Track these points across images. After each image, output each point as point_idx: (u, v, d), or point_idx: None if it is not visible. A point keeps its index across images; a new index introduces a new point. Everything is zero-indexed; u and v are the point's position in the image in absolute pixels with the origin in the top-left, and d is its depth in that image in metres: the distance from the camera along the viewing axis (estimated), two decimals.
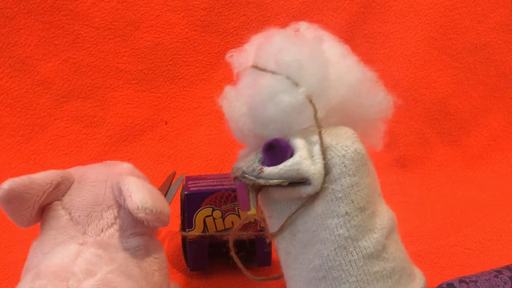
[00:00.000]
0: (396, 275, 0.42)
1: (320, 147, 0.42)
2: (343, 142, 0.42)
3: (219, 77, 0.89)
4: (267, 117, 0.43)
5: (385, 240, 0.42)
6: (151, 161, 0.84)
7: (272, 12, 0.90)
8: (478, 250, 0.64)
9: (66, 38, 0.84)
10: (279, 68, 0.43)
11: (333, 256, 0.41)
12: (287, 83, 0.42)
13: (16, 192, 0.42)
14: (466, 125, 0.92)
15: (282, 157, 0.42)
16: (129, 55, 0.86)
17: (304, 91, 0.42)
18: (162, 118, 0.87)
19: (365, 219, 0.42)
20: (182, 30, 0.87)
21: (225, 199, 0.58)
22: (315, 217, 0.42)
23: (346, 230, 0.41)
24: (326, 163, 0.41)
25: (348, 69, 0.45)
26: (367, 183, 0.42)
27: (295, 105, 0.42)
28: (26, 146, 0.82)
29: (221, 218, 0.58)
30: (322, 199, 0.41)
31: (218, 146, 0.87)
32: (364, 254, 0.41)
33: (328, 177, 0.41)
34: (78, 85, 0.85)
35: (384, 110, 0.47)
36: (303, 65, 0.42)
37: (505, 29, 0.94)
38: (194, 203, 0.57)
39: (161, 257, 0.47)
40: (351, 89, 0.45)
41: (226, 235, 0.58)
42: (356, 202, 0.41)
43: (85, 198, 0.45)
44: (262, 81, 0.43)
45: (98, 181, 0.46)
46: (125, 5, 0.85)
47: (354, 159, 0.42)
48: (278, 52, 0.43)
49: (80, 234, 0.43)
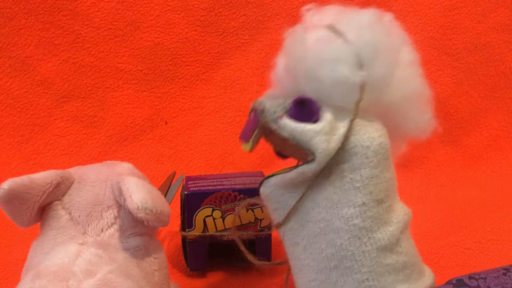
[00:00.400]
0: (407, 270, 0.42)
1: (345, 132, 0.41)
2: (371, 134, 0.42)
3: (219, 77, 0.89)
4: (318, 76, 0.42)
5: (400, 234, 0.42)
6: (151, 161, 0.84)
7: (272, 12, 0.90)
8: (478, 250, 0.64)
9: (66, 38, 0.84)
10: (356, 42, 0.42)
11: (347, 245, 0.41)
12: (353, 59, 0.42)
13: (16, 192, 0.42)
14: (466, 125, 0.92)
15: (307, 118, 0.41)
16: (129, 55, 0.86)
17: (364, 76, 0.41)
18: (162, 118, 0.87)
19: (381, 212, 0.41)
20: (182, 30, 0.87)
21: (225, 199, 0.58)
22: (330, 206, 0.41)
23: (362, 220, 0.41)
24: (347, 150, 0.41)
25: (411, 78, 0.45)
26: (387, 177, 0.42)
27: (348, 82, 0.41)
28: (26, 146, 0.82)
29: (221, 218, 0.58)
30: (339, 188, 0.41)
31: (218, 146, 0.87)
32: (378, 246, 0.41)
33: (348, 165, 0.41)
34: (78, 85, 0.85)
35: (424, 131, 0.47)
36: (378, 53, 0.42)
37: (505, 29, 0.94)
38: (194, 203, 0.57)
39: (161, 257, 0.47)
40: (404, 98, 0.44)
41: (226, 235, 0.58)
42: (374, 194, 0.41)
43: (85, 198, 0.45)
44: (332, 43, 0.42)
45: (98, 181, 0.46)
46: (125, 5, 0.85)
47: (377, 152, 0.41)
48: (363, 27, 0.43)
49: (80, 234, 0.43)
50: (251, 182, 0.59)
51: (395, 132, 0.45)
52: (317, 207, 0.42)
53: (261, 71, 0.90)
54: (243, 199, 0.58)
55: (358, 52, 0.42)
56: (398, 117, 0.45)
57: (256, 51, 0.90)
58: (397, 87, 0.44)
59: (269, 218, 0.58)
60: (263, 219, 0.59)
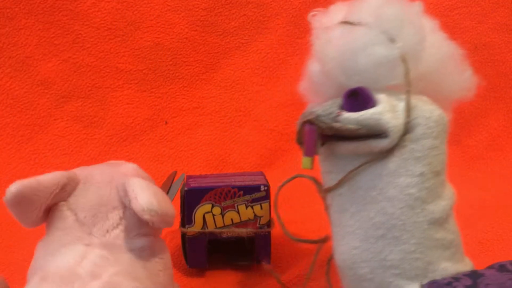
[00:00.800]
0: (453, 248, 0.42)
1: (405, 105, 0.41)
2: (429, 105, 0.42)
3: (219, 77, 0.90)
4: (356, 67, 0.42)
5: (450, 211, 0.42)
6: (151, 161, 0.84)
7: (272, 12, 0.90)
8: (478, 250, 0.64)
9: (66, 38, 0.84)
10: (377, 22, 0.42)
11: (398, 214, 0.40)
12: (382, 37, 0.42)
13: (24, 195, 0.42)
14: (466, 125, 0.92)
15: (364, 106, 0.41)
16: (129, 55, 0.86)
17: (401, 47, 0.42)
18: (162, 118, 0.87)
19: (437, 184, 0.41)
20: (182, 30, 0.87)
21: (224, 195, 0.58)
22: (386, 174, 0.41)
23: (418, 190, 0.41)
24: (409, 122, 0.41)
25: (439, 42, 0.45)
26: (445, 150, 0.43)
27: (389, 59, 0.42)
28: (26, 146, 0.82)
29: (220, 215, 0.58)
30: (397, 157, 0.41)
31: (218, 146, 0.87)
32: (430, 218, 0.40)
33: (409, 136, 0.41)
34: (78, 85, 0.85)
35: (467, 89, 0.47)
36: (404, 23, 0.42)
37: (505, 29, 0.94)
38: (194, 198, 0.58)
39: (166, 257, 0.47)
40: (440, 61, 0.45)
41: (225, 232, 0.59)
42: (433, 165, 0.41)
43: (91, 199, 0.45)
44: (356, 32, 0.43)
45: (103, 182, 0.46)
46: (125, 5, 0.85)
47: (439, 123, 0.42)
48: (379, 6, 0.43)
49: (85, 235, 0.43)
50: (251, 180, 0.60)
51: (440, 102, 0.45)
52: (371, 175, 0.42)
53: (261, 71, 0.90)
54: (242, 195, 0.58)
55: (384, 29, 0.42)
56: (440, 83, 0.45)
57: (256, 51, 0.90)
58: (430, 53, 0.44)
59: (268, 215, 0.58)
60: (263, 216, 0.59)
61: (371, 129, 0.41)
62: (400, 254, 0.40)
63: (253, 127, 0.89)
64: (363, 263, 0.41)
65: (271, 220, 0.59)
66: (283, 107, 0.90)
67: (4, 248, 0.66)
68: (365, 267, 0.41)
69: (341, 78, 0.44)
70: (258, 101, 0.90)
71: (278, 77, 0.91)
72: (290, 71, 0.91)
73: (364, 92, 0.42)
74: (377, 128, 0.41)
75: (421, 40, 0.43)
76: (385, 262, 0.41)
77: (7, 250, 0.66)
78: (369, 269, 0.41)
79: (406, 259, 0.40)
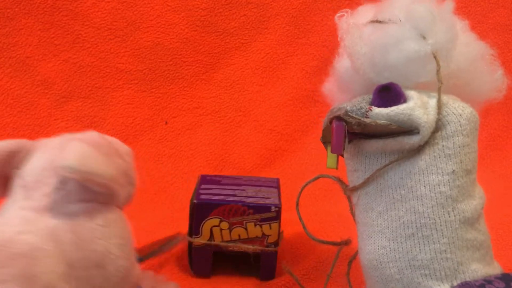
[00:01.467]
0: (483, 250, 0.41)
1: (436, 102, 0.41)
2: (460, 103, 0.42)
3: (219, 77, 0.89)
4: (387, 63, 0.42)
5: (481, 211, 0.41)
6: (151, 161, 0.84)
7: (272, 12, 0.90)
8: None
9: (66, 38, 0.84)
10: (408, 19, 0.42)
11: (429, 213, 0.40)
12: (414, 33, 0.42)
13: None
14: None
15: (395, 101, 0.41)
16: (129, 55, 0.86)
17: (432, 44, 0.41)
18: (162, 118, 0.87)
19: (468, 183, 0.41)
20: (182, 30, 0.87)
21: (233, 212, 0.57)
22: (416, 173, 0.41)
23: (449, 189, 0.40)
24: (440, 119, 0.41)
25: (470, 42, 0.45)
26: (476, 148, 0.42)
27: (420, 55, 0.41)
28: None
29: (228, 230, 0.58)
30: (428, 155, 0.41)
31: (218, 146, 0.87)
32: (461, 218, 0.40)
33: (440, 133, 0.41)
34: (78, 85, 0.85)
35: (498, 89, 0.46)
36: (436, 20, 0.42)
37: (505, 29, 0.94)
38: (202, 212, 0.57)
39: (112, 226, 0.45)
40: (470, 60, 0.44)
41: (232, 247, 0.58)
42: (464, 163, 0.41)
43: (36, 164, 0.45)
44: (388, 28, 0.43)
45: (51, 147, 0.46)
46: (125, 5, 0.85)
47: (470, 120, 0.41)
48: (411, 3, 0.43)
49: (22, 199, 0.43)
50: (264, 197, 0.59)
51: (469, 102, 0.45)
52: (399, 173, 0.41)
53: (261, 71, 0.90)
54: (252, 214, 0.57)
55: (416, 25, 0.42)
56: (470, 83, 0.45)
57: (256, 51, 0.90)
58: (461, 52, 0.43)
59: (276, 235, 0.58)
60: (271, 235, 0.58)
61: (402, 125, 0.40)
62: (430, 254, 0.40)
63: (253, 127, 0.89)
64: (390, 263, 0.41)
65: (278, 239, 0.59)
66: (283, 107, 0.90)
67: None
68: (392, 267, 0.41)
69: (371, 74, 0.43)
70: (258, 101, 0.90)
71: (278, 77, 0.91)
72: (290, 71, 0.91)
73: (396, 87, 0.41)
74: (408, 124, 0.40)
75: (453, 38, 0.42)
76: (414, 262, 0.40)
77: None
78: (397, 269, 0.40)
79: (436, 259, 0.39)
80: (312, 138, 0.89)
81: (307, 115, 0.90)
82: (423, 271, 0.40)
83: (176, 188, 0.81)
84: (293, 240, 0.66)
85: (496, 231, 0.68)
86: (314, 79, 0.90)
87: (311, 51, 0.91)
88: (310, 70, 0.90)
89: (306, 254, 0.63)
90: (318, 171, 0.48)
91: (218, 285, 0.59)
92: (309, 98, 0.90)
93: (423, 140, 0.40)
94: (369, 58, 0.43)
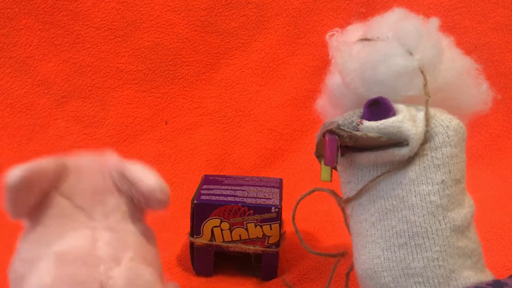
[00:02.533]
0: (474, 258, 0.42)
1: (424, 114, 0.42)
2: (447, 115, 0.43)
3: (219, 77, 0.89)
4: (376, 78, 0.43)
5: (471, 219, 0.42)
6: (151, 161, 0.84)
7: (272, 12, 0.90)
8: None
9: (66, 38, 0.84)
10: (396, 36, 0.44)
11: (420, 222, 0.41)
12: (402, 49, 0.43)
13: (28, 179, 0.40)
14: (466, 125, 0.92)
15: (384, 115, 0.42)
16: (129, 55, 0.86)
17: (419, 59, 0.43)
18: (162, 118, 0.87)
19: (457, 192, 0.42)
20: (182, 30, 0.87)
21: (234, 213, 0.57)
22: (406, 183, 0.42)
23: (439, 198, 0.41)
24: (428, 131, 0.42)
25: (455, 57, 0.47)
26: (464, 158, 0.43)
27: (408, 70, 0.43)
28: (26, 146, 0.82)
29: (228, 230, 0.58)
30: (418, 165, 0.42)
31: (218, 146, 0.87)
32: (451, 226, 0.41)
33: (429, 145, 0.42)
34: (78, 85, 0.85)
35: (484, 102, 0.48)
36: (422, 37, 0.43)
37: (505, 29, 0.94)
38: (203, 212, 0.57)
39: (156, 244, 0.46)
40: (456, 75, 0.46)
41: (233, 247, 0.58)
42: (453, 173, 0.42)
43: (86, 185, 0.44)
44: (376, 45, 0.44)
45: (94, 169, 0.45)
46: (125, 5, 0.85)
47: (457, 132, 0.43)
48: (398, 21, 0.45)
49: (88, 220, 0.42)
50: (264, 197, 0.59)
51: (456, 115, 0.46)
52: (391, 184, 0.42)
53: (261, 71, 0.90)
54: (252, 214, 0.57)
55: (403, 42, 0.43)
56: (457, 96, 0.46)
57: (256, 51, 0.90)
58: (447, 67, 0.45)
59: (277, 236, 0.58)
60: (271, 236, 0.58)
61: (392, 137, 0.41)
62: (423, 262, 0.40)
63: (253, 127, 0.89)
64: (385, 272, 0.42)
65: (280, 240, 0.59)
66: (283, 107, 0.90)
67: (4, 248, 0.66)
68: (387, 276, 0.41)
69: (361, 89, 0.44)
70: (258, 101, 0.90)
71: (278, 77, 0.91)
72: (290, 71, 0.91)
73: (385, 101, 0.43)
74: (397, 136, 0.41)
75: (439, 53, 0.44)
76: (407, 270, 0.41)
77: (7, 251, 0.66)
78: (392, 277, 0.41)
79: (429, 266, 0.40)
80: (312, 138, 0.89)
81: (307, 115, 0.90)
82: (416, 279, 0.40)
83: (176, 188, 0.81)
84: (294, 240, 0.66)
85: (496, 231, 0.68)
86: (314, 79, 0.90)
87: (311, 51, 0.91)
88: (310, 70, 0.90)
89: (306, 254, 0.63)
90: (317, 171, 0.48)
91: (219, 284, 0.60)
92: (309, 98, 0.90)
93: (413, 151, 0.41)
94: (359, 74, 0.44)
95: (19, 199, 0.41)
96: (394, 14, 0.46)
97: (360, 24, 0.49)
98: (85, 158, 0.47)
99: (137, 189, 0.42)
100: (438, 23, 0.46)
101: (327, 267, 0.60)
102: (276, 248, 0.59)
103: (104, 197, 0.44)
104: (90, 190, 0.44)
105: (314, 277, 0.60)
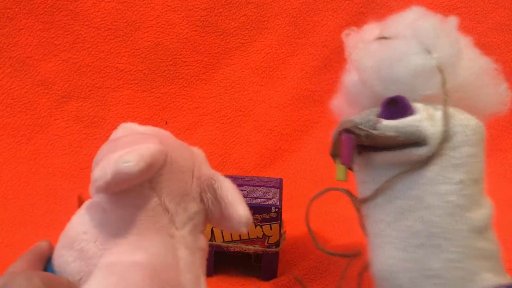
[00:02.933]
0: (493, 259, 0.41)
1: (443, 114, 0.42)
2: (466, 115, 0.43)
3: (219, 77, 0.90)
4: (393, 76, 0.43)
5: (489, 220, 0.42)
6: None
7: (272, 12, 0.90)
8: None
9: (67, 38, 0.84)
10: (414, 34, 0.43)
11: (438, 222, 0.40)
12: (420, 48, 0.43)
13: (145, 172, 0.37)
14: None
15: (402, 114, 0.42)
16: (129, 55, 0.86)
17: (437, 58, 0.42)
18: (162, 118, 0.87)
19: (476, 192, 0.41)
20: (182, 30, 0.87)
21: None
22: (424, 183, 0.41)
23: (457, 198, 0.40)
24: (447, 130, 0.41)
25: (474, 57, 0.46)
26: (483, 158, 0.42)
27: (426, 69, 0.42)
28: (26, 146, 0.82)
29: None
30: (436, 165, 0.41)
31: (218, 146, 0.87)
32: (470, 226, 0.40)
33: (448, 144, 0.41)
34: (78, 85, 0.85)
35: (502, 103, 0.47)
36: (440, 35, 0.43)
37: (505, 29, 0.94)
38: None
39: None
40: (475, 75, 0.45)
41: (233, 247, 0.58)
42: (472, 173, 0.41)
43: (176, 185, 0.41)
44: (394, 43, 0.44)
45: (185, 167, 0.43)
46: (125, 5, 0.85)
47: (476, 131, 0.42)
48: (416, 19, 0.44)
49: (169, 224, 0.40)
50: (264, 197, 0.59)
51: (474, 115, 0.45)
52: (408, 183, 0.42)
53: (261, 71, 0.90)
54: (252, 214, 0.57)
55: (421, 40, 0.43)
56: (475, 96, 0.46)
57: (256, 51, 0.90)
58: (465, 67, 0.44)
59: (277, 235, 0.58)
60: (271, 236, 0.58)
61: (410, 136, 0.41)
62: (441, 263, 0.39)
63: (253, 127, 0.89)
64: (401, 273, 0.41)
65: (280, 240, 0.59)
66: (283, 107, 0.90)
67: (4, 248, 0.66)
68: (403, 277, 0.41)
69: (378, 87, 0.44)
70: (258, 101, 0.90)
71: (278, 77, 0.91)
72: (290, 71, 0.91)
73: (403, 100, 0.42)
74: (416, 135, 0.41)
75: (457, 52, 0.43)
76: (425, 272, 0.40)
77: (7, 251, 0.66)
78: (408, 279, 0.40)
79: (447, 268, 0.39)
80: (312, 138, 0.89)
81: (307, 115, 0.90)
82: (434, 280, 0.40)
83: None
84: (294, 239, 0.66)
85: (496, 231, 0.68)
86: (314, 79, 0.90)
87: (311, 51, 0.91)
88: (310, 70, 0.90)
89: (306, 254, 0.63)
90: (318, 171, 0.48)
91: (219, 284, 0.60)
92: (309, 98, 0.90)
93: (431, 151, 0.41)
94: (376, 72, 0.44)
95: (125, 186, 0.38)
96: (411, 13, 0.46)
97: (377, 24, 0.49)
98: (177, 149, 0.43)
99: (225, 212, 0.42)
100: (456, 22, 0.45)
101: (327, 267, 0.60)
102: (276, 248, 0.59)
103: (189, 203, 0.42)
104: (179, 193, 0.41)
105: (314, 277, 0.60)
